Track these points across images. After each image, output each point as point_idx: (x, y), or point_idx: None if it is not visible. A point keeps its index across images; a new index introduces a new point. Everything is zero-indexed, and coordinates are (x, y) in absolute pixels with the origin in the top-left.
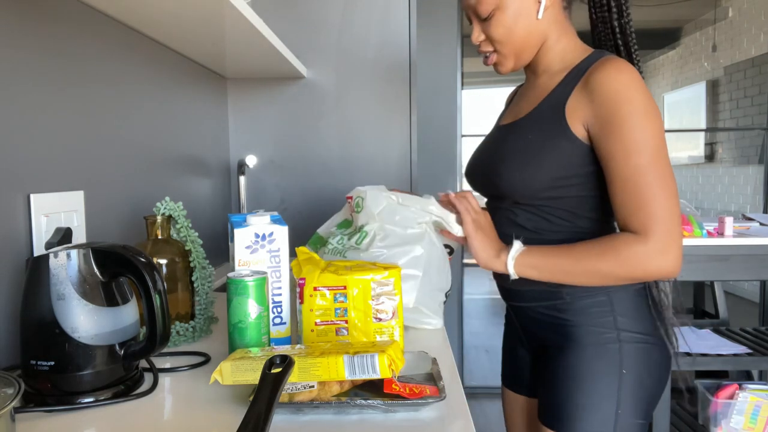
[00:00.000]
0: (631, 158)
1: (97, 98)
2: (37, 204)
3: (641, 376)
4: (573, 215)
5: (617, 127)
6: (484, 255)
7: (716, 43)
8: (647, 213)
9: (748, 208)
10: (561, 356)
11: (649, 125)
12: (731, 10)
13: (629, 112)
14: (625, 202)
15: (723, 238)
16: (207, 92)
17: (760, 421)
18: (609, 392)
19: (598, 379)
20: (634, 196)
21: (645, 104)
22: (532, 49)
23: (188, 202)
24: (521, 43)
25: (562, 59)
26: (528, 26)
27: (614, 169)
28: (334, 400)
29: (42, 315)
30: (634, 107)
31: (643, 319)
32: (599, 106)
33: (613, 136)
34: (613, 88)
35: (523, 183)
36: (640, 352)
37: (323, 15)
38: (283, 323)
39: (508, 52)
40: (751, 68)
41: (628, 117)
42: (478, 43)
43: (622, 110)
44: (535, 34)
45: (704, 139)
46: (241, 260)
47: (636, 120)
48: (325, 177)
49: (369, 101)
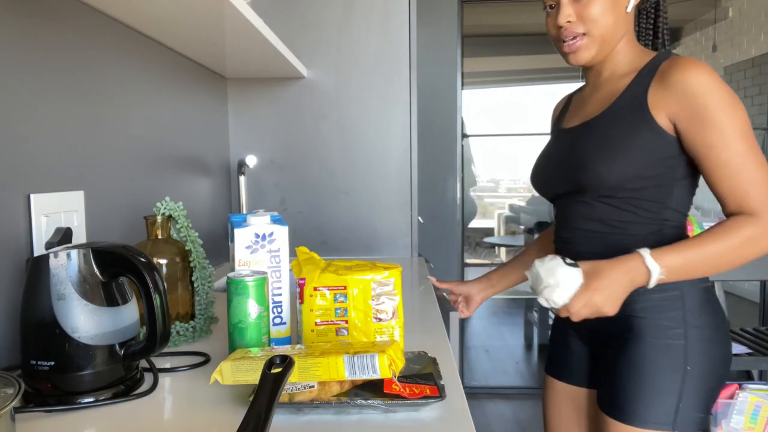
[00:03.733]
0: (731, 145)
1: (98, 98)
2: (37, 204)
3: (704, 373)
4: (659, 206)
5: (709, 118)
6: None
7: (716, 43)
8: (759, 194)
9: None
10: (626, 348)
11: (737, 113)
12: (731, 10)
13: (718, 103)
14: (733, 187)
15: None
16: (207, 92)
17: (760, 421)
18: (672, 387)
19: (661, 374)
20: (741, 180)
21: (729, 94)
22: (615, 42)
23: (188, 202)
24: (611, 30)
25: (629, 62)
26: (618, 16)
27: (716, 157)
28: (334, 400)
29: (42, 315)
30: (722, 98)
31: (710, 316)
32: (685, 100)
33: (708, 127)
34: (697, 82)
35: (611, 174)
36: (705, 350)
37: (323, 15)
38: (283, 323)
39: (597, 35)
40: (751, 68)
41: (719, 108)
42: (567, 24)
43: (711, 102)
44: (621, 26)
45: None
46: (241, 260)
47: (726, 109)
48: (325, 177)
49: (369, 101)
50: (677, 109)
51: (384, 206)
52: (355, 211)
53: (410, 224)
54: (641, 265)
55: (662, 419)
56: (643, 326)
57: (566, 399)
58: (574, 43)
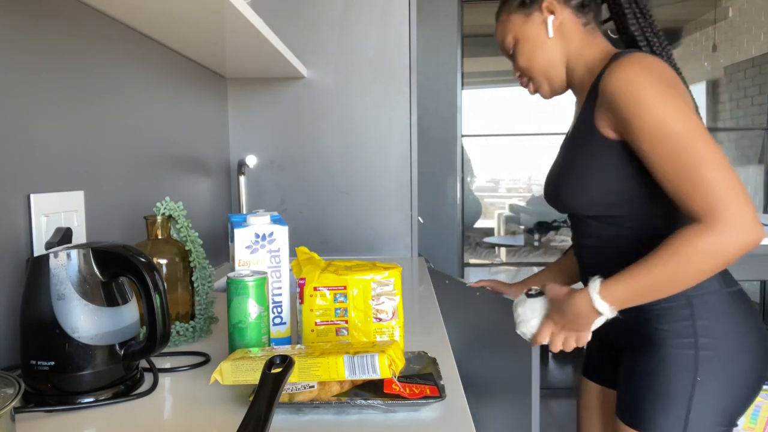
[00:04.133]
0: (662, 145)
1: (98, 98)
2: (37, 204)
3: (719, 385)
4: (644, 216)
5: (638, 123)
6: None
7: (716, 43)
8: (702, 193)
9: None
10: (640, 354)
11: (667, 107)
12: (731, 10)
13: (641, 104)
14: (677, 189)
15: None
16: (207, 92)
17: (760, 421)
18: (680, 396)
19: (670, 383)
20: (682, 180)
21: (656, 89)
22: (559, 69)
23: (188, 202)
24: (545, 66)
25: (590, 72)
26: (545, 49)
27: (654, 162)
28: (334, 400)
29: (42, 315)
30: (644, 98)
31: (728, 326)
32: (616, 109)
33: (639, 133)
34: (620, 88)
35: (579, 197)
36: (718, 361)
37: (323, 15)
38: (283, 323)
39: (538, 77)
40: (751, 68)
41: (642, 109)
42: (517, 77)
43: (635, 106)
44: (554, 54)
45: None
46: (241, 260)
47: (652, 109)
48: (325, 177)
49: (369, 101)
50: (614, 119)
51: (384, 206)
52: (355, 211)
53: (410, 224)
54: (589, 303)
55: (670, 428)
56: (655, 334)
57: (598, 400)
58: (529, 88)
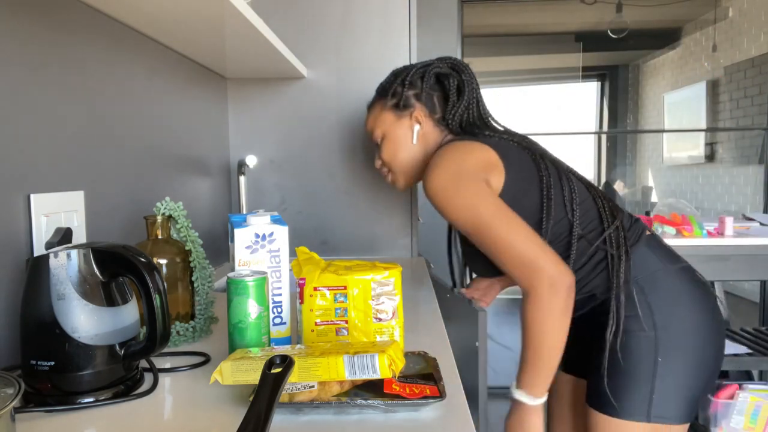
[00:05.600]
0: (474, 234)
1: (98, 98)
2: (37, 204)
3: (682, 362)
4: (560, 244)
5: (451, 219)
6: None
7: (716, 43)
8: (516, 271)
9: (748, 208)
10: (604, 340)
11: (464, 207)
12: (731, 10)
13: (444, 207)
14: (500, 265)
15: (723, 238)
16: (207, 92)
17: (760, 421)
18: (644, 378)
19: (633, 365)
20: (498, 259)
21: (452, 192)
22: (416, 169)
23: (188, 202)
24: (405, 165)
25: None
26: (407, 150)
27: (478, 245)
28: (334, 400)
29: (42, 315)
30: (445, 203)
31: (680, 302)
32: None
33: (456, 226)
34: (429, 197)
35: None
36: (679, 338)
37: (323, 15)
38: (283, 323)
39: (397, 171)
40: (751, 68)
41: (448, 211)
42: (379, 166)
43: (442, 209)
44: (416, 157)
45: (704, 139)
46: (241, 260)
47: (453, 211)
48: (325, 177)
49: (369, 101)
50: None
51: (384, 206)
52: (355, 211)
53: (410, 224)
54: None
55: (636, 410)
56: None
57: (568, 389)
58: (387, 178)
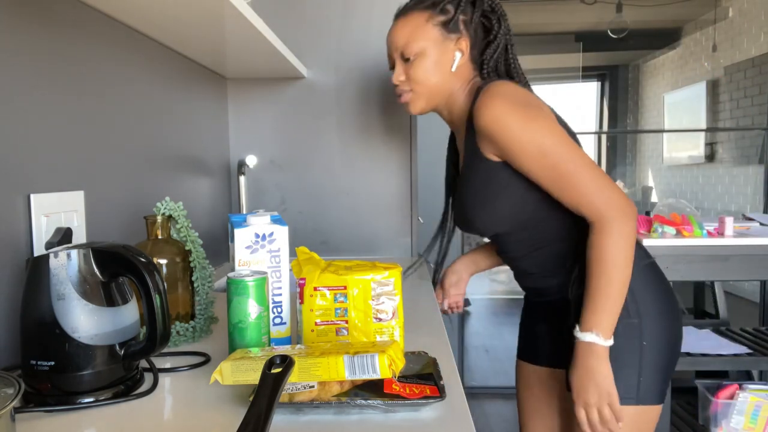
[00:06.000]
0: (539, 163)
1: (97, 98)
2: (37, 204)
3: (660, 346)
4: (552, 217)
5: (512, 148)
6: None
7: (716, 43)
8: (586, 201)
9: (748, 208)
10: None
11: (535, 131)
12: (731, 10)
13: (511, 133)
14: (566, 198)
15: (723, 238)
16: (207, 92)
17: (760, 421)
18: (632, 362)
19: (621, 351)
20: (565, 192)
21: (521, 118)
22: (442, 97)
23: (188, 202)
24: (435, 88)
25: (463, 109)
26: (442, 75)
27: (538, 179)
28: (334, 400)
29: (42, 315)
30: (513, 126)
31: (658, 292)
32: (492, 141)
33: (518, 157)
34: (489, 124)
35: (490, 219)
36: (658, 324)
37: (323, 15)
38: (283, 323)
39: (422, 93)
40: (751, 68)
41: (513, 137)
42: (399, 82)
43: (506, 135)
44: (446, 85)
45: (704, 139)
46: (241, 260)
47: (521, 135)
48: (325, 177)
49: (369, 101)
50: (494, 149)
51: (384, 206)
52: (355, 211)
53: (410, 224)
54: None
55: (626, 393)
56: None
57: (537, 381)
58: (404, 96)
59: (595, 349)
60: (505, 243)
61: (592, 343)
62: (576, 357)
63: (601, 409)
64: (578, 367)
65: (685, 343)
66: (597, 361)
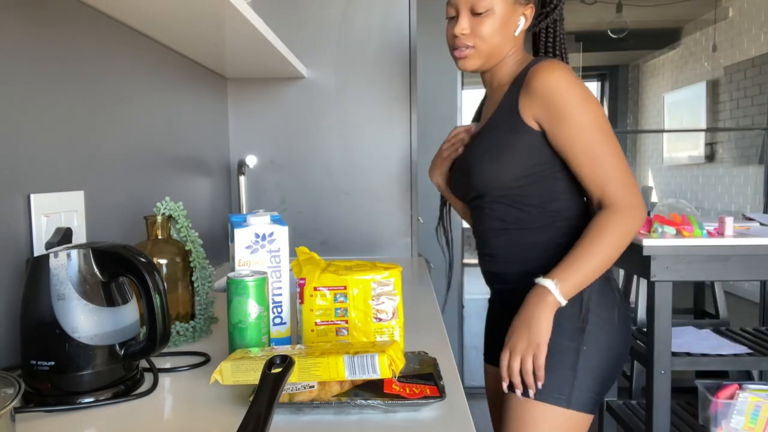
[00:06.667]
0: (588, 137)
1: (98, 98)
2: (37, 204)
3: (599, 356)
4: (545, 200)
5: (564, 115)
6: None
7: (716, 43)
8: (616, 184)
9: (748, 208)
10: None
11: (592, 108)
12: (731, 10)
13: (569, 101)
14: (594, 176)
15: (723, 238)
16: (207, 92)
17: (760, 422)
18: (567, 363)
19: (559, 351)
20: (600, 170)
21: (581, 92)
22: (500, 57)
23: (188, 202)
24: (495, 50)
25: (510, 73)
26: (505, 37)
27: (572, 149)
28: (334, 400)
29: (42, 315)
30: (572, 96)
31: (608, 307)
32: (543, 102)
33: (564, 123)
34: (550, 85)
35: (494, 176)
36: (600, 334)
37: (323, 15)
38: (283, 323)
39: (483, 50)
40: (751, 68)
41: (570, 105)
42: (461, 35)
43: (563, 101)
44: (507, 45)
45: (704, 139)
46: (241, 260)
47: (581, 105)
48: (325, 177)
49: (369, 101)
50: (539, 111)
51: (384, 206)
52: (355, 211)
53: (410, 224)
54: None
55: (559, 392)
56: None
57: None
58: (463, 52)
59: (546, 296)
60: (488, 213)
61: (546, 290)
62: (525, 301)
63: (525, 358)
64: (521, 312)
65: (685, 343)
66: (542, 309)
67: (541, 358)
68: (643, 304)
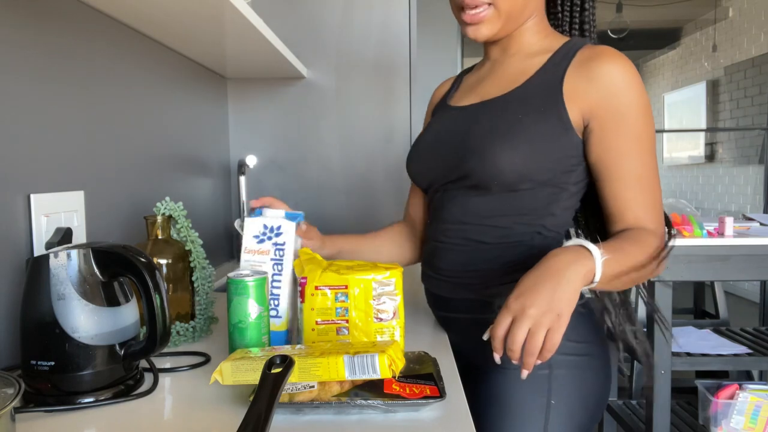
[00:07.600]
0: (643, 155)
1: (98, 98)
2: (37, 204)
3: (572, 408)
4: (541, 209)
5: (625, 119)
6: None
7: (716, 43)
8: (656, 214)
9: (748, 208)
10: (488, 379)
11: (649, 122)
12: (731, 10)
13: (638, 108)
14: (639, 198)
15: (723, 238)
16: (207, 92)
17: (760, 422)
18: (535, 423)
19: (523, 408)
20: (648, 192)
21: (646, 100)
22: (521, 21)
23: (188, 202)
24: (517, 12)
25: (539, 42)
26: (528, 3)
27: (624, 164)
28: (334, 400)
29: (42, 315)
30: (644, 102)
31: (579, 338)
32: (607, 96)
33: (623, 130)
34: (623, 79)
35: (510, 166)
36: (573, 380)
37: (323, 15)
38: (278, 317)
39: (504, 11)
40: (751, 68)
41: (637, 113)
42: None
43: (632, 105)
44: (526, 11)
45: (704, 139)
46: (247, 247)
47: (643, 117)
48: (325, 177)
49: (369, 101)
50: (596, 105)
51: (384, 206)
52: (355, 210)
53: None
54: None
55: None
56: (505, 355)
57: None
58: (478, 14)
59: (586, 261)
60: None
61: (583, 249)
62: (546, 257)
63: (536, 327)
64: (544, 265)
65: (685, 343)
66: (576, 272)
67: (558, 335)
68: (643, 305)
